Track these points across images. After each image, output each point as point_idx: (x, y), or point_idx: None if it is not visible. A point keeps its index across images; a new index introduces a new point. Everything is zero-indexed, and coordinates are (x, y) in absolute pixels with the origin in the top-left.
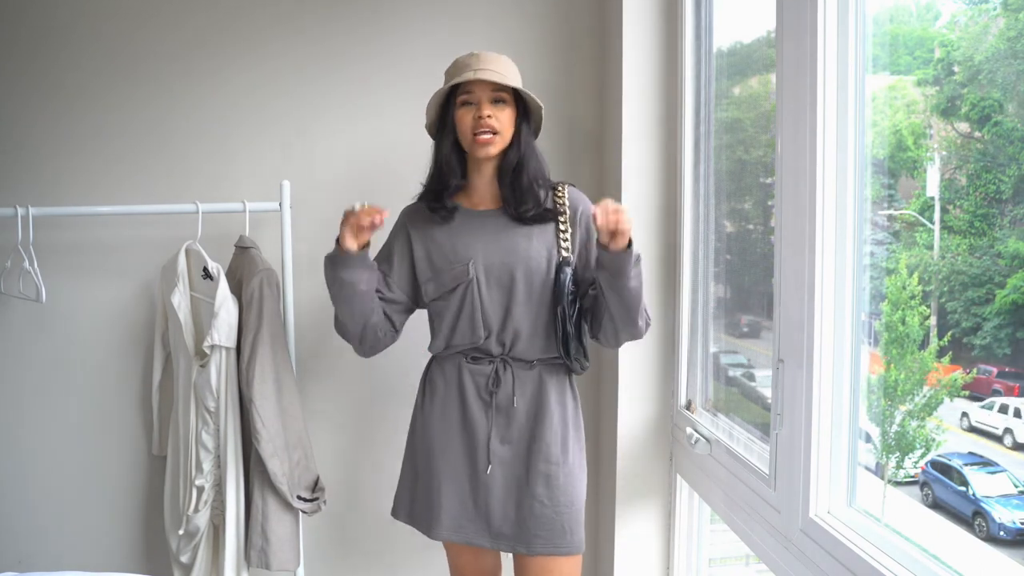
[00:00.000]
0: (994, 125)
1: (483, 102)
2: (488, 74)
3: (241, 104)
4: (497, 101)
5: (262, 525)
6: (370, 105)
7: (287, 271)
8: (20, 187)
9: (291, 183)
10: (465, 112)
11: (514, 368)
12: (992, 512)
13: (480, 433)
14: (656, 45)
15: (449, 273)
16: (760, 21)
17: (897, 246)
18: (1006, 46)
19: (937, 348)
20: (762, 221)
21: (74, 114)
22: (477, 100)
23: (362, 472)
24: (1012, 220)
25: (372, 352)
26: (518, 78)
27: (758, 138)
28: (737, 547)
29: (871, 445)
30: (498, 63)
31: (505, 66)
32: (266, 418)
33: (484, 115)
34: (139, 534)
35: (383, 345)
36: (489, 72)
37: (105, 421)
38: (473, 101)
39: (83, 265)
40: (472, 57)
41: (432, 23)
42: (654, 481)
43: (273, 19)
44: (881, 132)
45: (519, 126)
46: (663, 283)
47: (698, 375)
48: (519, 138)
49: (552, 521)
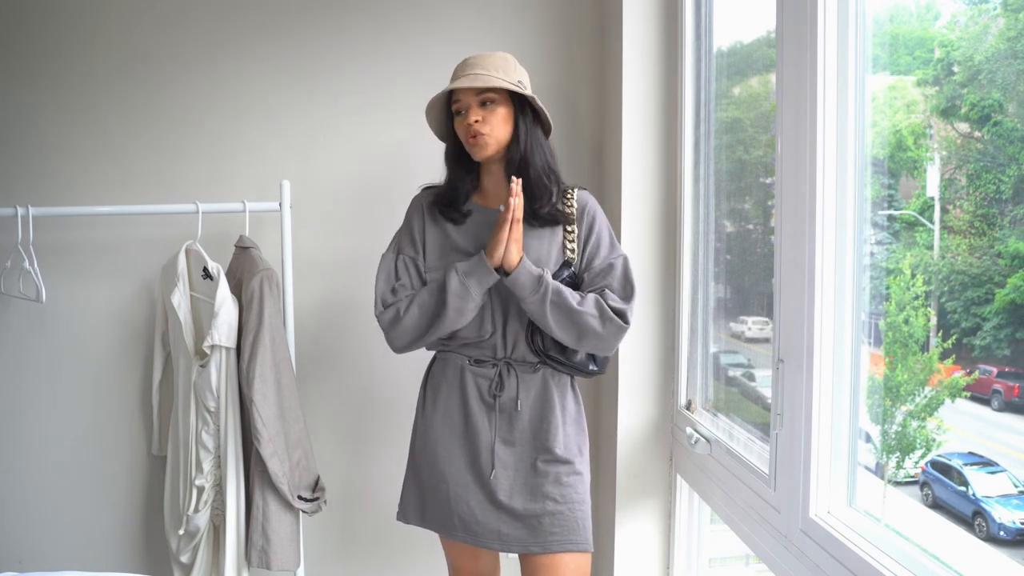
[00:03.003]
0: (994, 125)
1: (471, 108)
2: (465, 80)
3: (241, 104)
4: (485, 103)
5: (262, 525)
6: (370, 105)
7: (287, 271)
8: (20, 187)
9: (291, 183)
10: (459, 120)
11: (518, 371)
12: (992, 512)
13: (483, 437)
14: (656, 45)
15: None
16: (760, 21)
17: (898, 246)
18: (1006, 46)
19: (940, 350)
20: (762, 221)
21: (74, 114)
22: (465, 107)
23: (362, 472)
24: (1012, 220)
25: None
26: (512, 74)
27: (758, 138)
28: (737, 547)
29: (871, 445)
30: (486, 63)
31: (493, 65)
32: (266, 418)
33: (471, 121)
34: (139, 534)
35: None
36: (469, 77)
37: (105, 421)
38: (461, 109)
39: (83, 265)
40: (462, 64)
41: (432, 24)
42: (654, 481)
43: (273, 19)
44: (881, 132)
45: (517, 123)
46: (663, 283)
47: (698, 375)
48: (518, 133)
49: (567, 518)
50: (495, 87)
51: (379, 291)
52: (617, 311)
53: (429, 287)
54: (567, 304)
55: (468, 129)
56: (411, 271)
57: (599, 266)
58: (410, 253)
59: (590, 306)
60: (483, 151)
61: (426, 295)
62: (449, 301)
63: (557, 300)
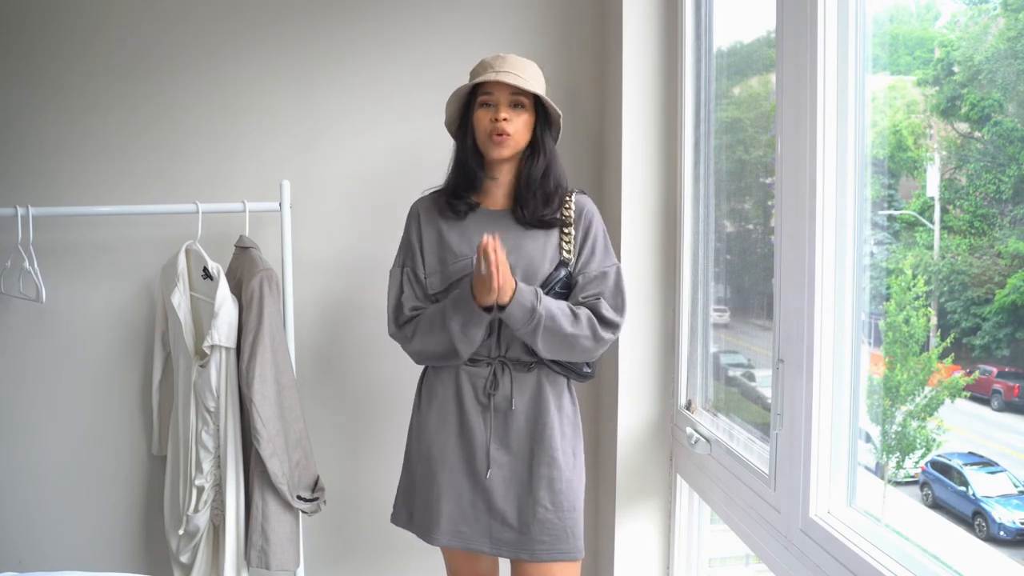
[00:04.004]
0: (994, 125)
1: (502, 104)
2: (509, 77)
3: (241, 103)
4: (515, 105)
5: (262, 525)
6: (371, 105)
7: (287, 271)
8: (20, 187)
9: (291, 183)
10: (484, 113)
11: (512, 370)
12: (992, 512)
13: (478, 437)
14: (656, 45)
15: (455, 266)
16: (760, 21)
17: (898, 246)
18: (1006, 46)
19: (940, 349)
20: (762, 221)
21: (74, 114)
22: (496, 101)
23: (362, 472)
24: (1012, 220)
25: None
26: (542, 85)
27: (758, 138)
28: (737, 547)
29: (871, 445)
30: (522, 67)
31: (528, 71)
32: (266, 418)
33: (500, 117)
34: (139, 534)
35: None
36: (510, 75)
37: (105, 421)
38: (492, 102)
39: (83, 265)
40: (497, 58)
41: (432, 23)
42: (654, 481)
43: (273, 18)
44: (881, 132)
45: (540, 133)
46: (663, 283)
47: (698, 375)
48: (543, 145)
49: (556, 526)
50: (530, 91)
51: (388, 308)
52: (610, 323)
53: (434, 333)
54: (561, 330)
55: (494, 125)
56: (415, 284)
57: (594, 272)
58: (411, 265)
59: (583, 327)
60: (503, 151)
61: (433, 339)
62: (460, 350)
63: (551, 326)
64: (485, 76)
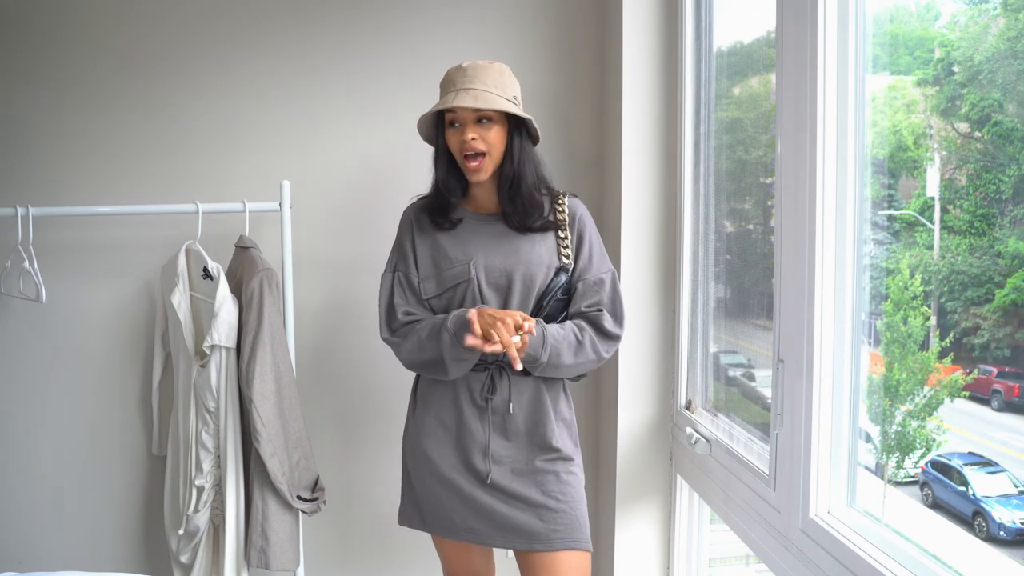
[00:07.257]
0: (994, 125)
1: (467, 124)
2: (467, 98)
3: (241, 104)
4: (482, 120)
5: (262, 525)
6: (371, 105)
7: (287, 271)
8: (20, 187)
9: (291, 183)
10: (453, 133)
11: (510, 374)
12: (992, 512)
13: (478, 438)
14: (656, 45)
15: (450, 271)
16: (760, 21)
17: (897, 246)
18: (1006, 46)
19: (939, 349)
20: (762, 221)
21: (74, 114)
22: (462, 121)
23: (362, 472)
24: (1012, 220)
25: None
26: (508, 89)
27: (758, 138)
28: (737, 547)
29: (871, 445)
30: (485, 77)
31: (493, 80)
32: (266, 418)
33: (467, 138)
34: (139, 534)
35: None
36: (470, 93)
37: (105, 421)
38: (458, 122)
39: (83, 265)
40: (459, 72)
41: (431, 23)
42: (654, 481)
43: (273, 19)
44: (881, 132)
45: (512, 141)
46: (663, 283)
47: (698, 375)
48: (511, 152)
49: (568, 516)
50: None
51: (380, 313)
52: (613, 337)
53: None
54: (565, 364)
55: (463, 145)
56: (407, 289)
57: (591, 279)
58: (404, 269)
59: (587, 352)
60: (480, 176)
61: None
62: (451, 373)
63: (556, 362)
64: (445, 102)
